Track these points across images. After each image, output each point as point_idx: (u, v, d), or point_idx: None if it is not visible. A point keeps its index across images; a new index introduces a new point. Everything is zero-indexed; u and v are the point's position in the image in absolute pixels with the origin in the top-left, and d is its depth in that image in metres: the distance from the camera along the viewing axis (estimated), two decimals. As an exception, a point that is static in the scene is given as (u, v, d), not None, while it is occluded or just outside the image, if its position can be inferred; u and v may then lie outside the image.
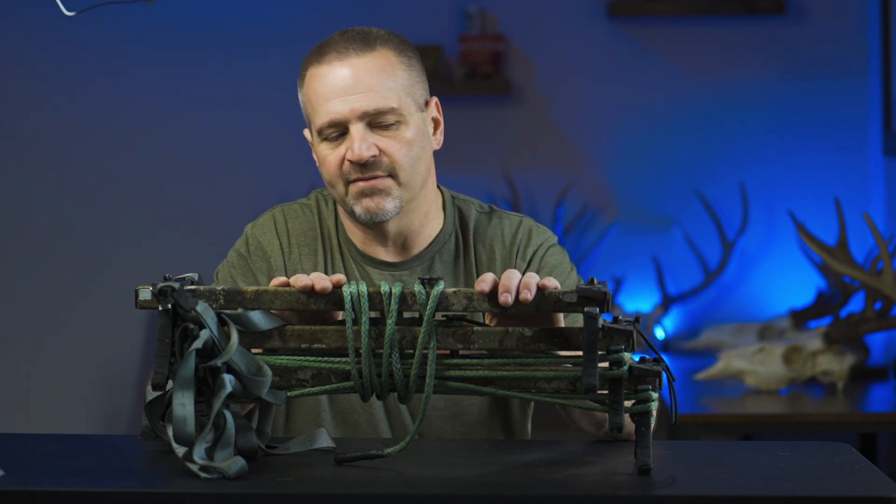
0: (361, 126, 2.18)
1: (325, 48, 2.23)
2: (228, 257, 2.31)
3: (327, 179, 2.23)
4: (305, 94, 2.24)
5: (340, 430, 2.25)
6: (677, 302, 4.91)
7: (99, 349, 5.00)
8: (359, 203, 2.21)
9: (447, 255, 2.29)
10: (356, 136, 2.18)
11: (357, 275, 2.28)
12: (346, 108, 2.18)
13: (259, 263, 2.28)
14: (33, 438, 1.96)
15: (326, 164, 2.22)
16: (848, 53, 4.86)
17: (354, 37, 2.23)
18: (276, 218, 2.32)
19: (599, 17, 4.93)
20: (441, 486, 1.69)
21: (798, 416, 3.55)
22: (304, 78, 2.25)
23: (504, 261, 2.28)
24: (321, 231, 2.31)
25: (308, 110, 2.24)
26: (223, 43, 4.97)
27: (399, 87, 2.21)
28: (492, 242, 2.29)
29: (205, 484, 1.66)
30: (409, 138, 2.21)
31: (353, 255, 2.29)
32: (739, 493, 1.65)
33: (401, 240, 2.28)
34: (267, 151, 4.99)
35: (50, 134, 5.00)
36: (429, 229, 2.29)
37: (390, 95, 2.19)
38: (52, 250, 5.01)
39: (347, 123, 2.19)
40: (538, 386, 1.77)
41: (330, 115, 2.19)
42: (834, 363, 3.77)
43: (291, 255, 2.29)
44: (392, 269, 2.28)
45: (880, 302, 3.79)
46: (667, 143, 4.92)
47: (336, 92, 2.19)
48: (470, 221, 2.31)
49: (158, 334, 1.75)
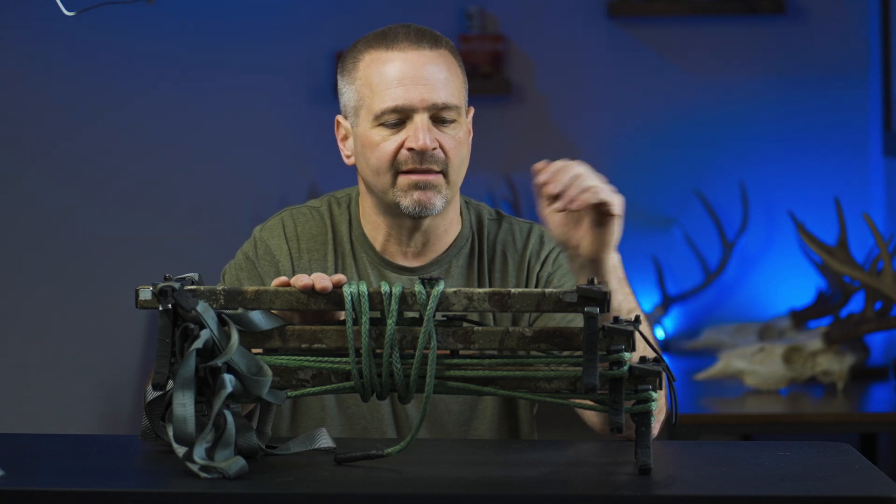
0: (426, 117, 2.19)
1: (391, 36, 2.23)
2: (236, 259, 2.30)
3: (374, 166, 2.21)
4: (362, 76, 2.22)
5: (347, 433, 2.25)
6: (677, 302, 4.91)
7: (99, 349, 5.00)
8: (408, 195, 2.20)
9: (463, 260, 2.29)
10: (421, 125, 2.18)
11: (372, 276, 2.27)
12: (416, 95, 2.18)
13: (267, 267, 2.27)
14: (33, 438, 1.96)
15: (379, 150, 2.20)
16: (848, 53, 4.86)
17: (423, 31, 2.25)
18: (284, 221, 2.30)
19: (599, 17, 4.93)
20: (441, 486, 1.69)
21: (798, 416, 3.55)
22: (361, 61, 2.23)
23: (517, 267, 2.29)
24: (333, 235, 2.29)
25: (363, 92, 2.22)
26: (223, 43, 4.97)
27: (460, 87, 2.24)
28: (504, 248, 2.30)
29: (205, 484, 1.66)
30: (461, 139, 2.22)
31: (371, 257, 2.28)
32: (739, 493, 1.65)
33: (423, 240, 2.27)
34: (267, 151, 4.99)
35: (49, 134, 5.00)
36: (450, 232, 2.29)
37: (455, 93, 2.22)
38: (51, 250, 5.00)
39: (413, 112, 2.19)
40: (538, 386, 1.77)
41: (397, 100, 2.18)
42: (834, 363, 3.77)
43: (301, 259, 2.27)
44: (410, 274, 2.27)
45: (880, 302, 3.79)
46: (667, 143, 4.92)
47: (407, 79, 2.19)
48: (484, 227, 2.32)
49: (159, 334, 1.75)
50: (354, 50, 2.25)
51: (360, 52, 2.24)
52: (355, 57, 2.24)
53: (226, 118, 4.99)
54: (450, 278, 2.27)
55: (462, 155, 2.23)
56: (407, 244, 2.27)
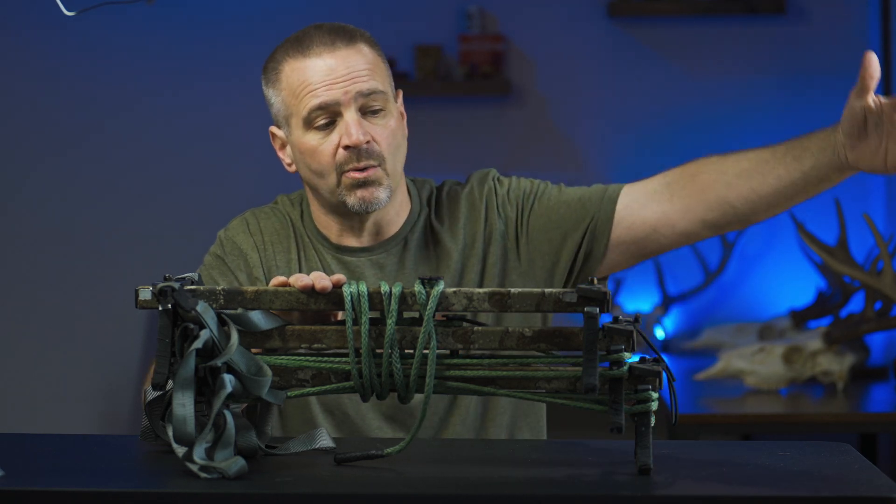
0: (354, 111, 2.21)
1: (306, 41, 2.27)
2: (204, 262, 2.35)
3: (316, 170, 2.25)
4: (285, 87, 2.26)
5: (336, 431, 2.27)
6: (677, 302, 4.91)
7: (99, 349, 5.00)
8: (352, 194, 2.23)
9: (418, 233, 2.32)
10: (351, 120, 2.22)
11: (333, 265, 2.31)
12: (338, 90, 2.22)
13: (236, 261, 2.31)
14: (33, 438, 1.96)
15: (317, 154, 2.24)
16: (848, 53, 4.86)
17: (336, 30, 2.28)
18: (248, 220, 2.36)
19: (599, 17, 4.93)
20: (441, 486, 1.69)
21: (798, 416, 3.55)
22: (282, 71, 2.27)
23: (473, 215, 2.31)
24: (293, 230, 2.34)
25: (289, 101, 2.26)
26: (223, 42, 4.97)
27: (383, 74, 2.26)
28: (454, 206, 2.33)
29: (205, 484, 1.66)
30: (393, 127, 2.25)
31: (328, 247, 2.32)
32: (739, 493, 1.65)
33: (375, 230, 2.31)
34: (267, 151, 4.97)
35: (50, 134, 5.00)
36: (402, 214, 2.33)
37: (378, 79, 2.24)
38: (51, 250, 5.01)
39: (339, 107, 2.22)
40: (538, 386, 1.77)
41: (320, 98, 2.21)
42: (834, 363, 3.77)
43: (266, 252, 2.32)
44: (368, 254, 2.31)
45: (880, 302, 3.79)
46: (667, 143, 4.92)
47: (328, 79, 2.22)
48: (432, 197, 2.35)
49: (158, 334, 1.75)
50: (274, 60, 2.30)
51: (280, 61, 2.28)
52: (276, 67, 2.29)
53: (226, 118, 4.99)
54: (407, 252, 2.31)
55: (397, 142, 2.26)
56: (359, 233, 2.32)
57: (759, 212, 2.23)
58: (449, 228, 2.32)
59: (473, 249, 2.30)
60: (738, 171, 2.23)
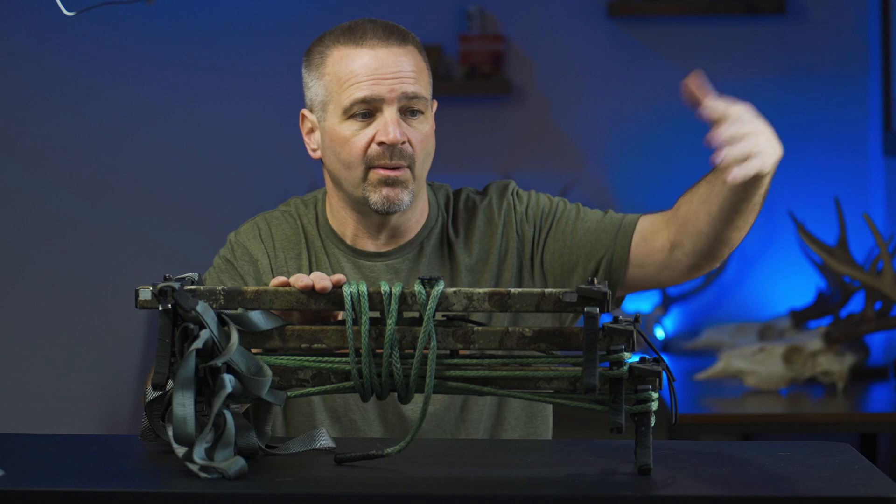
0: (395, 110, 2.21)
1: (359, 32, 2.24)
2: (214, 264, 2.33)
3: (345, 160, 2.23)
4: (330, 72, 2.24)
5: (336, 431, 2.26)
6: (677, 302, 4.90)
7: (99, 349, 5.00)
8: (377, 191, 2.22)
9: (434, 239, 2.31)
10: (390, 118, 2.21)
11: (349, 268, 2.29)
12: (385, 87, 2.21)
13: (246, 267, 2.29)
14: (33, 438, 1.96)
15: (349, 144, 2.22)
16: (848, 53, 4.86)
17: (391, 27, 2.28)
18: (259, 225, 2.34)
19: (599, 17, 4.93)
20: (441, 486, 1.69)
21: (798, 416, 3.55)
22: (329, 56, 2.24)
23: (489, 228, 2.30)
24: (304, 235, 2.32)
25: (331, 87, 2.23)
26: (223, 42, 4.97)
27: (427, 81, 2.26)
28: (471, 215, 2.32)
29: (205, 484, 1.66)
30: (427, 132, 2.25)
31: (343, 250, 2.30)
32: (739, 493, 1.65)
33: (391, 234, 2.29)
34: (267, 151, 4.99)
35: (49, 133, 5.00)
36: (420, 221, 2.32)
37: (423, 86, 2.24)
38: (51, 250, 5.00)
39: (382, 104, 2.21)
40: (538, 386, 1.77)
41: (365, 91, 2.20)
42: (834, 363, 3.77)
43: (277, 258, 2.30)
44: (385, 259, 2.29)
45: (880, 302, 3.79)
46: (667, 143, 4.92)
47: (376, 74, 2.21)
48: (450, 204, 2.34)
49: (158, 334, 1.75)
50: (321, 44, 2.27)
51: (328, 46, 2.25)
52: (323, 52, 2.26)
53: (226, 118, 4.99)
54: (423, 258, 2.29)
55: (428, 149, 2.26)
56: (376, 236, 2.30)
57: (719, 236, 2.24)
58: (464, 241, 2.30)
59: (487, 265, 2.29)
60: (698, 197, 2.26)
